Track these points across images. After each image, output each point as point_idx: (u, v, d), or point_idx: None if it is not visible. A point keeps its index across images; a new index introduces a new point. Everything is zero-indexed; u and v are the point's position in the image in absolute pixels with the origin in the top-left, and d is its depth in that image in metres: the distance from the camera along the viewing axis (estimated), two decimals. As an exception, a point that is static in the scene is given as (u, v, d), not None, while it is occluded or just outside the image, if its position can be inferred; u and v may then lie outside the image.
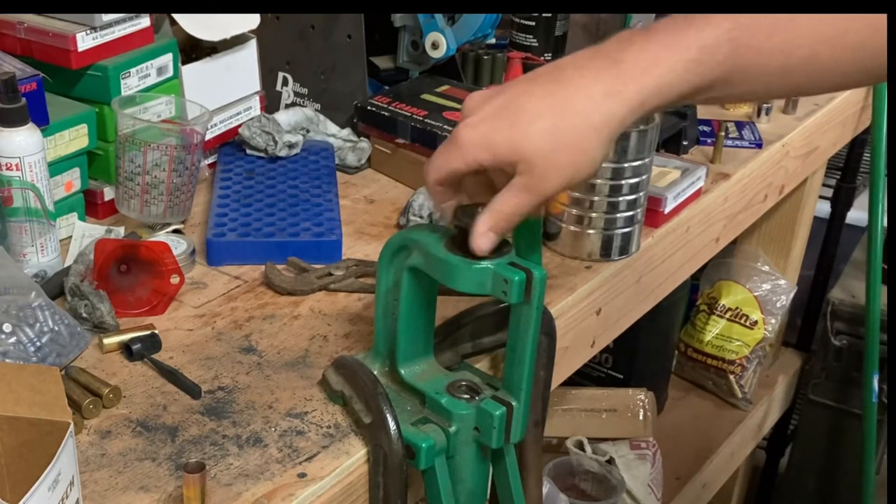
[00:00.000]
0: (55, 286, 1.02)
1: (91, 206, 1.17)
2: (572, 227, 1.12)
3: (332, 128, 1.36)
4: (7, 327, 0.90)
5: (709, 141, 1.43)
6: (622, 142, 1.08)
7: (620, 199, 1.10)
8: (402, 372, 0.87)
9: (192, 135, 1.12)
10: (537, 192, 0.76)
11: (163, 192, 1.12)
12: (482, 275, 0.79)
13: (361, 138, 1.34)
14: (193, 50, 1.27)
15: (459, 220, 0.80)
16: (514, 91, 0.76)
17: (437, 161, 0.78)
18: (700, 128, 1.45)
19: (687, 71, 0.73)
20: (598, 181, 1.09)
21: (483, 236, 0.77)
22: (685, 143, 1.39)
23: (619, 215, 1.11)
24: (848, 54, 0.76)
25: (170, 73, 1.20)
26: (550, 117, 0.73)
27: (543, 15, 1.50)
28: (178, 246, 1.08)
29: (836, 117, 1.65)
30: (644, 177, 1.11)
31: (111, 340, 0.95)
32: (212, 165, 1.29)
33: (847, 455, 2.08)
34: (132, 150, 1.10)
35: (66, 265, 1.05)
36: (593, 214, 1.11)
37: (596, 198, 1.10)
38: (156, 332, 0.96)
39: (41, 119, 1.05)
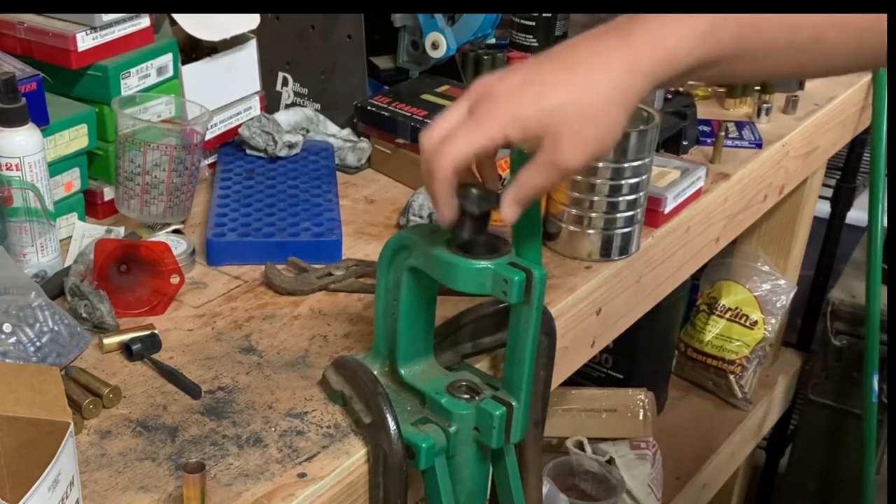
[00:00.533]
0: (55, 286, 1.01)
1: (91, 206, 1.17)
2: (572, 227, 1.12)
3: (332, 128, 1.36)
4: (7, 327, 0.90)
5: (709, 141, 1.43)
6: (622, 142, 1.08)
7: (620, 199, 1.10)
8: (402, 372, 0.87)
9: (192, 135, 1.12)
10: (562, 167, 0.75)
11: (163, 192, 1.12)
12: (482, 275, 0.79)
13: (361, 138, 1.34)
14: (193, 50, 1.27)
15: (478, 205, 0.78)
16: (533, 68, 0.75)
17: (456, 144, 0.74)
18: (700, 128, 1.45)
19: (695, 46, 0.74)
20: (598, 181, 1.09)
21: (510, 208, 0.77)
22: (685, 143, 1.39)
23: (618, 215, 1.11)
24: (853, 35, 0.76)
25: (170, 73, 1.20)
26: (576, 92, 0.74)
27: (543, 15, 1.50)
28: (178, 246, 1.08)
29: (836, 117, 1.65)
30: (644, 177, 1.11)
31: (111, 340, 0.95)
32: (212, 165, 1.29)
33: (847, 455, 2.08)
34: (132, 150, 1.10)
35: (66, 265, 1.05)
36: (593, 214, 1.11)
37: (596, 198, 1.10)
38: (156, 332, 0.96)
39: (41, 119, 1.05)
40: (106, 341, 0.95)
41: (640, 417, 1.80)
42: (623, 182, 1.09)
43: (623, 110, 0.75)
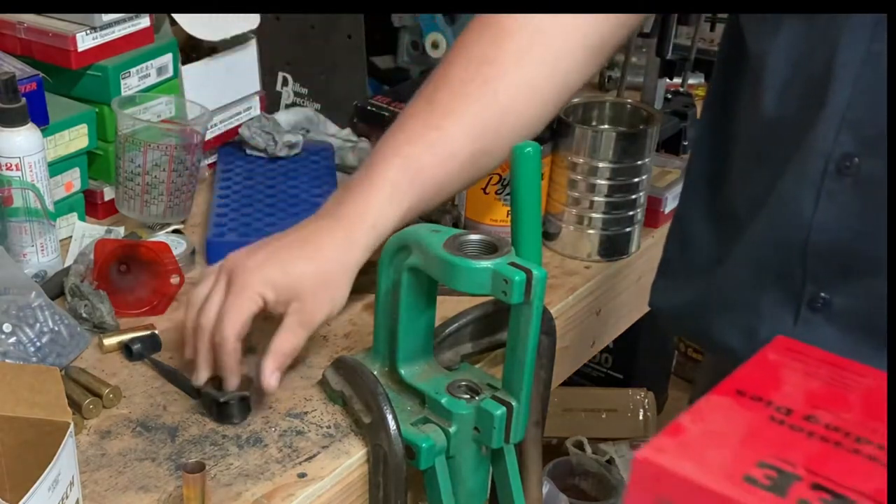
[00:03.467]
0: (55, 286, 1.01)
1: (91, 206, 1.17)
2: (572, 227, 1.12)
3: (332, 128, 1.36)
4: (7, 327, 0.90)
5: (709, 141, 1.43)
6: (622, 142, 1.08)
7: (620, 199, 1.10)
8: (402, 372, 0.87)
9: (192, 135, 1.12)
10: (308, 325, 0.87)
11: (163, 192, 1.12)
12: (482, 275, 0.79)
13: (361, 138, 1.34)
14: (193, 50, 1.27)
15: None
16: (273, 246, 0.88)
17: (233, 316, 0.85)
18: (700, 128, 1.45)
19: (390, 206, 0.88)
20: (598, 181, 1.09)
21: (272, 376, 0.86)
22: (685, 143, 1.39)
23: (619, 215, 1.11)
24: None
25: (170, 73, 1.20)
26: (313, 263, 0.87)
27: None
28: (178, 246, 1.08)
29: (836, 117, 1.65)
30: (644, 177, 1.11)
31: (111, 340, 0.95)
32: (212, 165, 1.29)
33: (847, 455, 2.07)
34: (132, 150, 1.10)
35: (66, 265, 1.05)
36: (593, 214, 1.11)
37: (596, 198, 1.10)
38: (156, 332, 0.96)
39: (41, 119, 1.05)
40: (106, 341, 0.95)
41: (640, 417, 1.80)
42: (623, 182, 1.09)
43: (347, 276, 0.88)
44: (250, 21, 1.27)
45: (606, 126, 1.15)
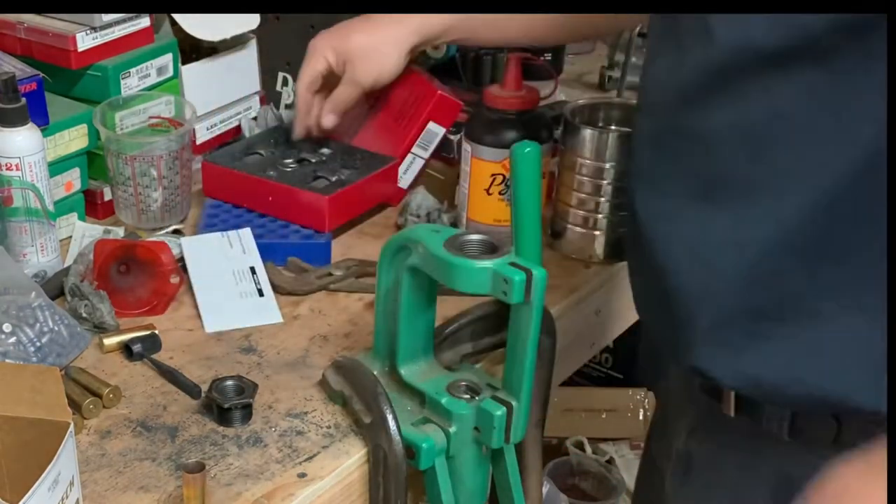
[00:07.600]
0: (55, 286, 1.01)
1: (91, 206, 1.17)
2: (578, 228, 1.12)
3: (332, 128, 1.35)
4: (7, 327, 0.90)
5: (709, 141, 1.42)
6: (628, 143, 1.08)
7: (626, 200, 1.10)
8: (402, 372, 0.87)
9: (185, 135, 1.12)
10: (357, 84, 1.13)
11: (157, 199, 1.12)
12: (482, 275, 0.79)
13: (361, 138, 1.34)
14: (193, 50, 1.27)
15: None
16: (343, 23, 1.15)
17: (302, 71, 1.14)
18: (700, 128, 1.44)
19: (438, 21, 1.12)
20: (604, 182, 1.09)
21: (328, 117, 1.16)
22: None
23: (625, 216, 1.11)
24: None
25: (170, 73, 1.20)
26: (367, 35, 1.12)
27: (543, 15, 1.49)
28: (177, 246, 1.08)
29: (836, 117, 1.65)
30: (646, 177, 1.10)
31: (111, 340, 0.95)
32: (212, 165, 1.28)
33: (847, 455, 2.07)
34: (118, 163, 1.10)
35: (66, 265, 1.05)
36: (599, 216, 1.10)
37: (602, 199, 1.10)
38: (156, 332, 0.96)
39: (41, 119, 1.05)
40: (106, 341, 0.95)
41: (640, 417, 1.80)
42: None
43: (397, 49, 1.12)
44: (250, 21, 1.27)
45: (613, 127, 1.15)
